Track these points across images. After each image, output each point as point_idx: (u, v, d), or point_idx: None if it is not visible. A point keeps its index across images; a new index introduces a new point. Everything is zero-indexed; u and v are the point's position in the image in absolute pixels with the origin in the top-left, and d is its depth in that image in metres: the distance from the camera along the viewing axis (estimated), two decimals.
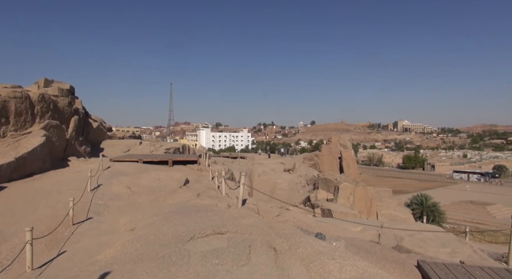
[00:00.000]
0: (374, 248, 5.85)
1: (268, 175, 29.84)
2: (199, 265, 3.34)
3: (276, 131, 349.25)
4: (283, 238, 4.47)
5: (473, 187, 78.74)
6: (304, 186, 27.67)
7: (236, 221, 5.17)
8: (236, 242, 4.14)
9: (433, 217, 35.43)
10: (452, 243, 9.70)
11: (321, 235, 5.47)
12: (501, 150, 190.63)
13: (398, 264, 5.20)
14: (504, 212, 49.60)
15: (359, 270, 3.57)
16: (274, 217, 9.18)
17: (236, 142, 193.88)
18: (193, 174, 14.20)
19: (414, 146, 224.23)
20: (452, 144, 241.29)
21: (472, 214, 49.74)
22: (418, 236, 10.16)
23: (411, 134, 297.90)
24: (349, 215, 16.31)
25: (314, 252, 3.97)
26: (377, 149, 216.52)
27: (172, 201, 8.60)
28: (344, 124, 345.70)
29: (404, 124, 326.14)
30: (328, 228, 10.00)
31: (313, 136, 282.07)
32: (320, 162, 43.00)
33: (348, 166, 41.35)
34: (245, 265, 3.52)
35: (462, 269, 5.00)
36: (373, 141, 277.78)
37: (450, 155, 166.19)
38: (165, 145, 28.75)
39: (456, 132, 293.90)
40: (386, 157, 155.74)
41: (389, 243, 9.28)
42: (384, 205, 23.52)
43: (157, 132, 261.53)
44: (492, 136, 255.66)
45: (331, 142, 44.27)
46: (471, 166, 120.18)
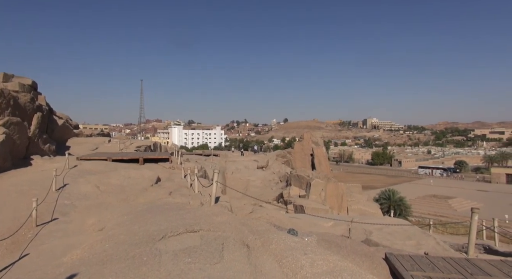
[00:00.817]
0: (344, 242, 6.00)
1: (241, 172, 29.84)
2: (171, 264, 3.29)
3: (249, 129, 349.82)
4: (256, 235, 4.49)
5: (437, 182, 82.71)
6: (277, 183, 27.92)
7: (209, 218, 5.14)
8: (209, 240, 4.11)
9: (400, 211, 36.89)
10: (417, 236, 10.15)
11: (294, 231, 5.54)
12: (462, 146, 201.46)
13: (367, 257, 5.37)
14: (464, 205, 52.49)
15: (330, 264, 3.64)
16: (247, 214, 9.21)
17: (209, 139, 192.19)
18: (165, 172, 13.95)
19: (382, 143, 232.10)
20: (418, 140, 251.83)
21: (435, 207, 52.23)
22: (386, 230, 10.55)
23: (380, 131, 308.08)
24: (321, 211, 16.67)
25: (286, 248, 4.02)
26: (348, 145, 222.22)
27: (143, 199, 8.41)
28: (316, 122, 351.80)
29: (373, 122, 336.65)
30: (300, 223, 10.16)
31: (286, 133, 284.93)
32: (293, 159, 43.53)
33: (320, 162, 42.16)
34: (218, 262, 3.50)
35: (426, 260, 5.23)
36: (344, 138, 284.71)
37: (415, 151, 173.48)
38: (136, 143, 28.02)
39: (421, 129, 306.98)
40: (356, 154, 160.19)
41: (359, 237, 9.57)
42: (354, 200, 24.20)
43: (127, 130, 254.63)
44: (454, 133, 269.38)
45: (303, 139, 44.93)
46: (435, 162, 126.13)
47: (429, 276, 4.55)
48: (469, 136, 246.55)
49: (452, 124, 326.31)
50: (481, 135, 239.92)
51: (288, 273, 3.42)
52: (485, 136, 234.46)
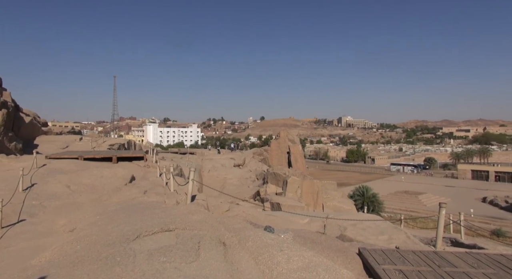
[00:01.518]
0: (319, 239, 6.10)
1: (218, 170, 29.69)
2: (146, 263, 3.23)
3: (226, 127, 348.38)
4: (232, 233, 4.48)
5: (408, 178, 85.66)
6: (254, 181, 27.98)
7: (185, 217, 5.08)
8: (185, 238, 4.07)
9: (373, 207, 37.98)
10: (389, 231, 10.48)
11: (270, 228, 5.58)
12: (431, 144, 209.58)
13: (341, 253, 5.49)
14: (433, 200, 54.68)
15: (306, 260, 3.70)
16: (224, 212, 9.18)
17: (185, 137, 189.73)
18: (139, 171, 13.65)
19: (357, 141, 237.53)
20: (390, 138, 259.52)
21: (406, 203, 54.10)
22: (360, 225, 10.82)
23: (354, 129, 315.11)
24: (297, 208, 16.84)
25: (263, 245, 4.04)
26: (323, 143, 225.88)
27: (116, 199, 8.20)
28: (292, 120, 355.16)
29: (347, 120, 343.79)
30: (277, 221, 10.24)
31: (262, 131, 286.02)
32: (269, 156, 43.75)
33: (296, 160, 42.61)
34: (194, 261, 3.48)
35: (397, 254, 5.42)
36: (320, 136, 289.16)
37: (388, 148, 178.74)
38: (109, 141, 27.25)
39: (393, 127, 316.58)
40: (331, 151, 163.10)
41: (334, 233, 9.77)
42: (329, 197, 24.62)
43: (100, 128, 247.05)
44: (424, 131, 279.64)
45: (279, 137, 45.21)
46: (406, 159, 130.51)
47: (399, 269, 4.71)
48: (437, 134, 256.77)
49: (422, 122, 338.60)
50: (449, 133, 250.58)
51: (264, 270, 3.45)
52: (452, 134, 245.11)
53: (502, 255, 5.58)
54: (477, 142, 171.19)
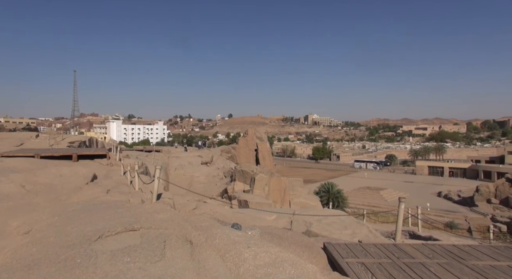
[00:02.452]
0: (286, 234, 6.20)
1: (185, 168, 29.25)
2: (108, 265, 3.12)
3: (193, 124, 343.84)
4: (199, 231, 4.44)
5: (370, 174, 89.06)
6: (221, 178, 27.86)
7: (150, 216, 4.96)
8: (150, 238, 3.98)
9: (338, 203, 39.15)
10: (352, 225, 10.85)
11: (237, 225, 5.60)
12: (392, 141, 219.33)
13: (307, 248, 5.61)
14: (393, 195, 57.25)
15: (272, 256, 3.74)
16: (191, 210, 9.08)
17: (150, 134, 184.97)
18: (102, 169, 13.14)
19: (322, 138, 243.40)
20: (354, 136, 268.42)
21: (369, 198, 56.26)
22: (325, 221, 11.11)
23: (320, 127, 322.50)
24: (265, 205, 16.99)
25: (230, 242, 4.04)
26: (290, 141, 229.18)
27: (77, 199, 7.84)
28: (260, 117, 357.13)
29: (313, 118, 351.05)
30: (244, 218, 10.27)
31: (230, 129, 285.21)
32: (237, 154, 43.76)
33: (264, 157, 42.95)
34: (160, 260, 3.41)
35: (360, 248, 5.63)
36: (287, 133, 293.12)
37: (352, 146, 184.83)
38: (69, 138, 25.98)
39: (357, 125, 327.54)
40: (298, 149, 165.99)
41: (300, 228, 9.96)
42: (296, 194, 25.04)
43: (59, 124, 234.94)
44: (385, 129, 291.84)
45: (247, 134, 45.35)
46: (369, 156, 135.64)
47: (362, 262, 4.90)
48: (398, 132, 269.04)
49: (383, 121, 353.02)
50: (408, 131, 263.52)
51: (231, 267, 3.45)
52: (411, 132, 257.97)
53: (454, 246, 5.96)
54: (433, 139, 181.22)
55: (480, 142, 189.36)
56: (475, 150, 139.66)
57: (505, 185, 49.72)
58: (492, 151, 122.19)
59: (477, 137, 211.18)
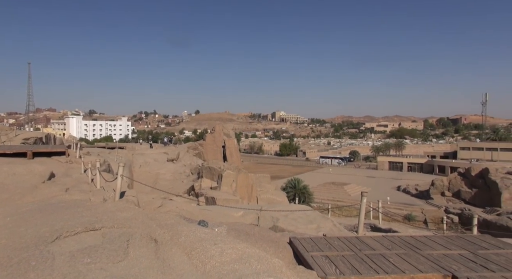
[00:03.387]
0: (253, 230, 6.24)
1: (150, 165, 28.55)
2: (67, 266, 2.98)
3: (159, 120, 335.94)
4: (164, 229, 4.36)
5: (335, 170, 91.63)
6: (188, 175, 27.51)
7: (112, 215, 4.80)
8: (112, 237, 3.84)
9: (304, 198, 39.98)
10: (317, 220, 11.12)
11: (204, 222, 5.55)
12: (355, 138, 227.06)
13: (273, 243, 5.68)
14: (356, 190, 59.32)
15: (239, 252, 3.75)
16: (156, 208, 8.88)
17: (114, 131, 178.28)
18: (60, 167, 12.50)
19: (289, 135, 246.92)
20: (319, 132, 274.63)
21: (333, 193, 57.90)
22: (291, 216, 11.30)
23: (287, 124, 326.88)
24: (232, 201, 16.98)
25: (196, 240, 4.00)
26: (258, 137, 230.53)
27: (32, 198, 7.41)
28: (227, 114, 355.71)
29: (281, 115, 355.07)
30: (211, 215, 10.21)
31: (197, 125, 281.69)
32: (205, 151, 43.39)
33: (231, 154, 42.90)
34: (122, 260, 3.31)
35: (324, 241, 5.79)
36: (254, 130, 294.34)
37: (318, 142, 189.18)
38: (23, 134, 24.44)
39: (322, 122, 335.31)
40: (265, 145, 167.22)
41: (267, 224, 10.06)
42: (263, 190, 25.29)
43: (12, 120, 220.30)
44: (349, 126, 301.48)
45: (215, 131, 45.06)
46: (334, 152, 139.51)
47: (326, 255, 5.04)
48: (361, 129, 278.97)
49: (347, 118, 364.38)
50: (370, 128, 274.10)
51: (197, 264, 3.42)
52: (373, 129, 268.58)
53: (411, 237, 6.29)
54: (394, 136, 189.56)
55: (436, 138, 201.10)
56: (431, 146, 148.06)
57: (457, 179, 53.16)
58: (446, 146, 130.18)
59: (433, 134, 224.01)
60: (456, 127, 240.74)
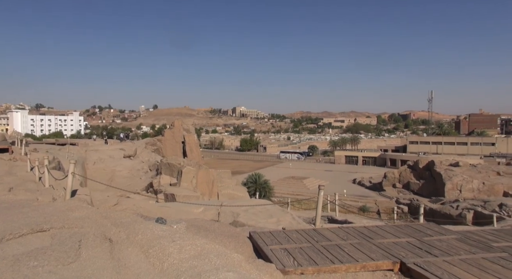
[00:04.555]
0: (213, 226, 6.22)
1: (106, 162, 27.33)
2: (10, 271, 2.78)
3: (114, 115, 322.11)
4: (120, 227, 4.21)
5: (294, 165, 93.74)
6: (146, 172, 26.73)
7: (62, 215, 4.54)
8: (63, 238, 3.64)
9: (265, 193, 40.51)
10: (277, 214, 11.32)
11: (162, 220, 5.43)
12: (314, 133, 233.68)
13: (233, 238, 5.70)
14: (315, 184, 61.14)
15: (198, 248, 3.72)
16: (111, 206, 8.54)
17: (64, 126, 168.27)
18: (3, 165, 11.59)
19: (250, 130, 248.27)
20: (279, 128, 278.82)
21: (293, 187, 59.26)
22: (251, 211, 11.40)
23: (247, 119, 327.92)
24: (192, 198, 16.78)
25: (154, 237, 3.91)
26: (218, 133, 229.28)
27: None
28: (187, 109, 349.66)
29: (241, 110, 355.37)
30: (170, 212, 10.02)
31: (155, 120, 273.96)
32: (163, 146, 42.37)
33: (191, 150, 42.25)
34: (74, 262, 3.15)
35: (283, 234, 5.91)
36: (215, 125, 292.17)
37: (278, 137, 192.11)
38: None
39: (282, 118, 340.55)
40: (226, 141, 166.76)
41: (227, 219, 10.07)
42: (224, 185, 25.23)
43: None
44: (308, 121, 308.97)
45: (174, 126, 44.12)
46: (293, 147, 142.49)
47: (284, 248, 5.16)
48: (319, 124, 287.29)
49: (306, 113, 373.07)
50: (328, 123, 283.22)
51: (155, 263, 3.34)
52: (331, 124, 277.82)
53: (365, 227, 6.62)
54: (350, 131, 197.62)
55: (388, 133, 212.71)
56: (383, 140, 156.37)
57: (406, 171, 56.68)
58: (397, 141, 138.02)
59: (385, 129, 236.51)
60: (406, 123, 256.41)
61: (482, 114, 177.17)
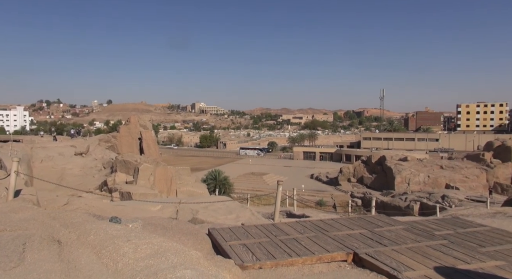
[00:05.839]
0: (170, 224, 6.10)
1: (55, 160, 25.74)
2: None
3: (64, 110, 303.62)
4: (70, 228, 3.99)
5: (254, 161, 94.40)
6: (100, 170, 25.58)
7: (4, 216, 4.21)
8: (4, 241, 3.38)
9: (224, 189, 40.39)
10: (237, 210, 11.36)
11: (117, 219, 5.23)
12: (273, 129, 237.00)
13: (192, 235, 5.64)
14: (274, 179, 62.09)
15: (155, 246, 3.64)
16: (61, 206, 8.07)
17: (6, 121, 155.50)
18: None
19: (210, 126, 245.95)
20: (239, 124, 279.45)
21: (253, 183, 59.70)
22: (211, 207, 11.34)
23: (207, 115, 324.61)
24: (149, 196, 16.33)
25: (107, 237, 3.75)
26: (177, 129, 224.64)
27: None
28: (144, 104, 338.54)
29: (201, 106, 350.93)
30: (126, 210, 9.67)
31: (110, 116, 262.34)
32: (119, 143, 40.81)
33: (149, 146, 41.08)
34: (17, 266, 2.94)
35: (242, 230, 5.95)
36: (173, 121, 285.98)
37: (238, 134, 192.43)
38: None
39: (242, 114, 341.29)
40: (185, 137, 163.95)
41: (186, 217, 9.93)
42: (183, 183, 24.83)
43: None
44: (267, 118, 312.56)
45: (130, 122, 42.61)
46: (253, 143, 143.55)
47: (243, 243, 5.20)
48: (278, 121, 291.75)
49: (266, 110, 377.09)
50: (287, 120, 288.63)
51: (108, 263, 3.21)
52: (289, 121, 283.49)
53: (321, 220, 6.85)
54: (308, 127, 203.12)
55: (344, 129, 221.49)
56: (339, 136, 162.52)
57: (360, 166, 59.40)
58: (352, 137, 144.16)
59: (341, 125, 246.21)
60: (360, 120, 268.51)
61: (428, 112, 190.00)
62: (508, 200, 21.22)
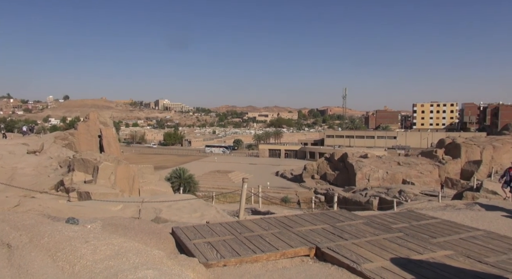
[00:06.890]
0: (132, 224, 5.93)
1: (4, 158, 24.12)
2: None
3: (14, 106, 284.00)
4: (21, 231, 3.76)
5: (220, 158, 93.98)
6: (56, 169, 24.29)
7: None
8: None
9: (189, 188, 39.83)
10: (202, 208, 11.28)
11: (74, 220, 5.00)
12: (239, 127, 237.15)
13: (155, 235, 5.52)
14: (240, 177, 61.92)
15: (115, 247, 3.52)
16: (12, 208, 7.57)
17: None
18: None
19: (174, 124, 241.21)
20: (205, 122, 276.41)
21: (218, 181, 59.45)
22: (175, 206, 11.16)
23: (171, 113, 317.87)
24: (110, 195, 15.76)
25: (63, 239, 3.57)
26: (140, 126, 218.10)
27: None
28: (104, 100, 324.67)
29: (165, 103, 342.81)
30: (84, 211, 9.27)
31: (67, 112, 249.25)
32: (77, 141, 39.02)
33: (109, 144, 39.59)
34: None
35: (207, 228, 5.91)
36: (136, 118, 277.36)
37: (203, 131, 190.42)
38: None
39: (207, 112, 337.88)
40: (148, 135, 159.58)
41: (149, 216, 9.70)
42: (146, 181, 24.18)
43: None
44: (233, 115, 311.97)
45: (89, 119, 40.87)
46: (219, 141, 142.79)
47: (208, 241, 5.17)
48: (244, 119, 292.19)
49: (232, 107, 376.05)
50: (253, 117, 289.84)
51: (64, 266, 3.07)
52: (255, 118, 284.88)
53: (285, 217, 6.96)
54: (273, 125, 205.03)
55: (308, 127, 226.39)
56: (304, 134, 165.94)
57: (324, 163, 61.06)
58: (316, 135, 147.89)
59: (305, 123, 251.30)
60: (323, 118, 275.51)
61: (386, 110, 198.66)
62: (457, 193, 22.83)
